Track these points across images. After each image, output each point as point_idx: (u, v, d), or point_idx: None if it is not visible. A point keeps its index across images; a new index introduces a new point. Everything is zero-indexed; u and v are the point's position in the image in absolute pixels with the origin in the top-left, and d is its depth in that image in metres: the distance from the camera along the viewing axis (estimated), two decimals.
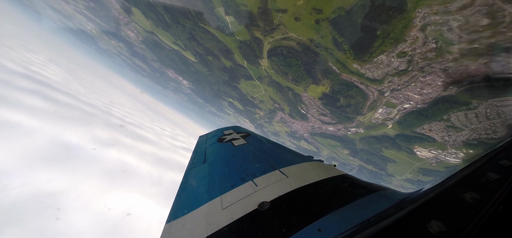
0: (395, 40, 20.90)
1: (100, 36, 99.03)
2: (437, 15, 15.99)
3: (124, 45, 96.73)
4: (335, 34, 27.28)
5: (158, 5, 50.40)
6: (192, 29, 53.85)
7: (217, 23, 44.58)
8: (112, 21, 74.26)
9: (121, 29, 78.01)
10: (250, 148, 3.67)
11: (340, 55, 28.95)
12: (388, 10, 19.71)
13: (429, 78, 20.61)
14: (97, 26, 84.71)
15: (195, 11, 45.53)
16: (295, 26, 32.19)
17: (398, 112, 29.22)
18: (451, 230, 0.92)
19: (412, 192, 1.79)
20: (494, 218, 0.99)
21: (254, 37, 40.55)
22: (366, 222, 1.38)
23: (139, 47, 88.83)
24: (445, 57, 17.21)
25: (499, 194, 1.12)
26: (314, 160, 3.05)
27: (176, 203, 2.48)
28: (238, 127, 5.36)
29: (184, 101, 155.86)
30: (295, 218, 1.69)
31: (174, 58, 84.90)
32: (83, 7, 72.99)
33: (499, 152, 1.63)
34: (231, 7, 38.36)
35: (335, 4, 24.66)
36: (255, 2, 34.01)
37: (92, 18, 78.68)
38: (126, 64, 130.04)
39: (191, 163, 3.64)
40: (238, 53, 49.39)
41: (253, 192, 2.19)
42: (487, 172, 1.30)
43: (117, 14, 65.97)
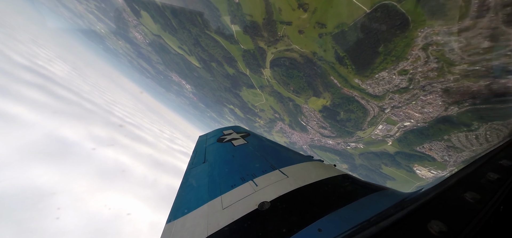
0: (397, 57, 21.06)
1: (108, 36, 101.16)
2: (439, 36, 16.17)
3: (131, 46, 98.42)
4: (338, 49, 27.59)
5: (166, 10, 51.63)
6: (198, 35, 54.88)
7: (223, 31, 45.48)
8: (121, 22, 76.00)
9: (129, 31, 79.72)
10: (250, 147, 3.65)
11: (341, 69, 29.15)
12: (391, 28, 20.00)
13: (430, 97, 20.55)
14: (106, 26, 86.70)
15: (201, 18, 46.54)
16: (299, 38, 32.68)
17: (398, 130, 28.99)
18: (451, 230, 0.92)
19: (412, 192, 1.79)
20: (495, 218, 0.98)
21: (258, 47, 41.11)
22: (367, 222, 1.37)
23: (145, 49, 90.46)
24: (447, 77, 17.25)
25: (499, 194, 1.11)
26: (314, 160, 3.02)
27: (176, 203, 2.47)
28: (238, 126, 5.35)
29: (186, 105, 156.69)
30: (295, 218, 1.68)
31: (178, 62, 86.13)
32: (94, 7, 75.06)
33: (499, 152, 1.63)
34: (237, 17, 39.20)
35: (338, 20, 25.11)
36: (261, 13, 34.77)
37: (102, 18, 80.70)
38: (132, 65, 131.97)
39: (191, 163, 3.61)
40: (242, 62, 49.97)
41: (253, 192, 2.17)
42: (487, 172, 1.29)
43: (126, 16, 67.62)
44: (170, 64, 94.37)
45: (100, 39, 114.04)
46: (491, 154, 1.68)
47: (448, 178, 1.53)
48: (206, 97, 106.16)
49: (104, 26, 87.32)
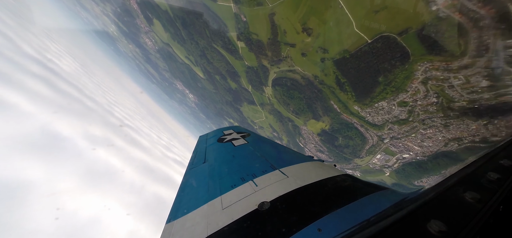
0: (397, 89, 21.13)
1: (120, 39, 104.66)
2: (438, 71, 16.32)
3: (140, 51, 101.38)
4: (339, 75, 27.91)
5: (177, 21, 53.69)
6: (205, 48, 56.52)
7: (229, 46, 46.81)
8: (133, 27, 78.96)
9: (140, 36, 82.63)
10: (250, 147, 3.63)
11: (341, 95, 29.24)
12: (391, 59, 20.30)
13: (430, 131, 20.27)
14: (119, 29, 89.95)
15: (209, 31, 48.17)
16: (301, 61, 33.34)
17: (396, 161, 28.30)
18: (451, 230, 0.92)
19: (412, 192, 1.77)
20: (494, 218, 0.99)
21: (261, 65, 41.95)
22: (366, 222, 1.37)
23: (154, 55, 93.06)
24: (446, 113, 17.09)
25: (499, 194, 1.12)
26: (314, 160, 3.01)
27: (176, 203, 2.45)
28: (238, 126, 5.28)
29: (187, 114, 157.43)
30: (295, 218, 1.67)
31: (184, 71, 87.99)
32: (110, 10, 78.58)
33: (499, 152, 1.63)
34: (243, 34, 40.54)
35: (340, 47, 25.69)
36: (266, 33, 35.97)
37: (116, 21, 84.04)
38: (139, 69, 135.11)
39: (191, 163, 3.58)
40: (245, 77, 50.76)
41: (253, 192, 2.16)
42: (487, 171, 1.30)
43: (139, 22, 70.41)
44: (175, 72, 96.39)
45: (112, 41, 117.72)
46: (491, 153, 1.68)
47: (448, 178, 1.54)
48: (207, 108, 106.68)
49: (117, 29, 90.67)
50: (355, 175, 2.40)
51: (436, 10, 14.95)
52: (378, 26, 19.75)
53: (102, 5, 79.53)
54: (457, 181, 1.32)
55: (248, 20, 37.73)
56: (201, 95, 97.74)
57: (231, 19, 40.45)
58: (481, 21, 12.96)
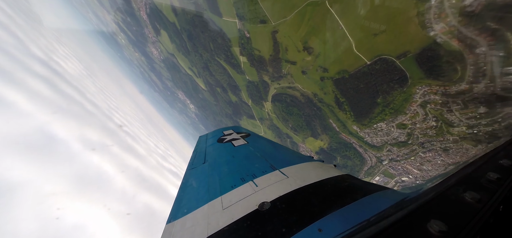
0: (395, 111, 21.05)
1: (127, 47, 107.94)
2: (436, 95, 16.32)
3: (146, 60, 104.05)
4: (338, 94, 28.04)
5: (183, 33, 55.45)
6: (208, 60, 57.90)
7: (231, 60, 47.91)
8: (141, 36, 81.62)
9: (147, 45, 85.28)
10: (250, 148, 3.63)
11: (340, 114, 29.15)
12: (390, 81, 20.44)
13: (429, 155, 19.87)
14: (127, 37, 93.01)
15: (214, 44, 49.51)
16: (302, 78, 33.75)
17: (396, 184, 27.49)
18: (451, 230, 0.93)
19: (412, 192, 1.76)
20: (494, 218, 1.00)
21: (262, 80, 42.54)
22: (366, 222, 1.37)
23: (158, 64, 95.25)
24: (446, 137, 16.86)
25: (499, 194, 1.13)
26: (314, 160, 2.99)
27: (177, 203, 2.46)
28: (238, 127, 5.28)
29: (186, 124, 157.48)
30: (295, 218, 1.66)
31: (186, 82, 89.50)
32: (120, 19, 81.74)
33: (499, 152, 1.65)
34: (246, 49, 41.63)
35: (340, 67, 26.08)
36: (268, 50, 36.92)
37: (124, 29, 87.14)
38: (143, 76, 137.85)
39: (191, 163, 3.58)
40: (245, 91, 51.27)
41: (254, 192, 2.16)
42: (487, 171, 1.32)
43: (147, 31, 72.85)
44: (178, 82, 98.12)
45: (119, 48, 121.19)
46: (491, 153, 1.71)
47: (448, 178, 1.55)
48: (206, 119, 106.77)
49: (125, 37, 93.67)
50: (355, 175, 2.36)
51: (433, 35, 15.32)
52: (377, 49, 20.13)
53: (113, 14, 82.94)
54: (457, 181, 1.31)
55: (251, 36, 38.92)
56: (202, 106, 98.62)
57: (235, 35, 41.77)
58: (478, 48, 13.20)
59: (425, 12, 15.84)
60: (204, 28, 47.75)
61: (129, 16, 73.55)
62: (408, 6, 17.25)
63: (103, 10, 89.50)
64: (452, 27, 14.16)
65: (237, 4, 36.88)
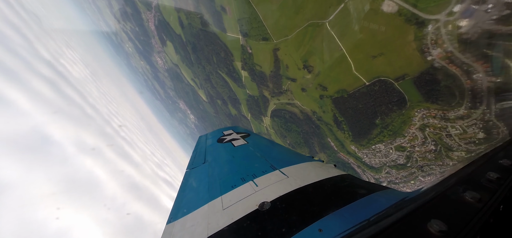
0: (394, 132, 20.74)
1: (133, 55, 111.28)
2: (435, 119, 16.13)
3: (150, 69, 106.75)
4: (336, 113, 27.95)
5: (188, 45, 57.00)
6: (210, 73, 59.02)
7: (233, 74, 48.73)
8: (147, 46, 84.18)
9: (153, 55, 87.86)
10: (250, 148, 3.63)
11: (339, 133, 28.81)
12: (388, 103, 20.36)
13: (429, 179, 19.22)
14: (135, 46, 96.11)
15: (217, 58, 50.65)
16: (301, 95, 33.93)
17: None
18: (451, 229, 0.93)
19: (412, 192, 1.77)
20: (494, 217, 1.01)
21: (262, 95, 42.88)
22: (367, 222, 1.36)
23: (162, 73, 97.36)
24: (445, 161, 16.40)
25: (499, 193, 1.13)
26: (314, 160, 2.97)
27: (177, 203, 2.45)
28: (238, 127, 5.37)
29: (185, 134, 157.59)
30: (295, 218, 1.66)
31: (188, 93, 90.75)
32: (129, 29, 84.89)
33: (499, 151, 1.65)
34: (247, 64, 42.50)
35: (339, 86, 26.25)
36: (269, 66, 37.65)
37: (132, 38, 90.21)
38: (146, 84, 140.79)
39: (191, 164, 3.56)
40: (245, 105, 51.52)
41: (254, 192, 2.16)
42: (487, 171, 1.32)
43: (154, 42, 75.23)
44: (180, 92, 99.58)
45: (126, 55, 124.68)
46: (491, 153, 1.70)
47: (448, 178, 1.56)
48: (206, 130, 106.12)
49: (132, 45, 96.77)
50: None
51: (431, 60, 15.50)
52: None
53: (123, 23, 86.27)
54: (457, 180, 1.32)
55: (253, 52, 39.92)
56: (202, 117, 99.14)
57: (237, 50, 42.88)
58: (475, 74, 13.26)
59: (423, 37, 16.16)
60: (208, 41, 49.18)
61: (138, 26, 76.39)
62: (406, 31, 17.67)
63: (114, 19, 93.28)
64: (449, 52, 14.36)
65: (241, 21, 38.24)
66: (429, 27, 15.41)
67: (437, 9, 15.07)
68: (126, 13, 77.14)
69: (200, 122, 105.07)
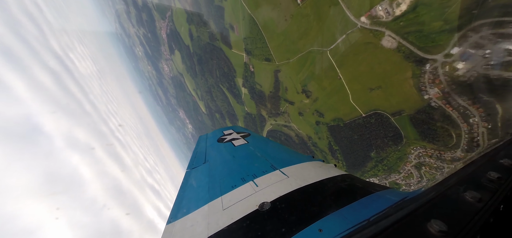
0: (389, 168, 19.82)
1: (142, 59, 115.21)
2: (431, 159, 15.40)
3: (156, 74, 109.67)
4: (332, 141, 27.26)
5: (195, 56, 58.54)
6: (212, 86, 59.88)
7: (233, 89, 49.29)
8: (156, 52, 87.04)
9: (160, 61, 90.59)
10: (250, 148, 3.62)
11: (333, 162, 27.80)
12: (384, 137, 19.77)
13: None
14: (145, 51, 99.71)
15: (219, 72, 51.59)
16: (298, 119, 33.56)
17: None
18: (451, 229, 0.94)
19: (412, 192, 1.78)
20: (495, 217, 1.00)
21: (260, 114, 42.70)
22: (367, 222, 1.37)
23: (167, 80, 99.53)
24: None
25: (500, 193, 1.13)
26: (314, 160, 2.97)
27: (177, 203, 2.45)
28: (238, 126, 5.47)
29: (182, 143, 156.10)
30: (296, 218, 1.67)
31: (189, 102, 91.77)
32: (142, 34, 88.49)
33: (499, 151, 1.65)
34: (248, 82, 43.13)
35: (336, 114, 25.92)
36: (269, 86, 38.07)
37: (144, 43, 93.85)
38: (150, 89, 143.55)
39: (192, 164, 3.56)
40: (242, 122, 51.16)
41: (254, 192, 2.16)
42: (487, 171, 1.32)
43: (163, 49, 77.76)
44: (181, 101, 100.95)
45: (135, 58, 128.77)
46: (492, 153, 1.71)
47: (448, 178, 1.57)
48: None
49: (142, 49, 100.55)
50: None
51: (428, 99, 15.28)
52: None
53: (137, 27, 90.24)
54: (457, 180, 1.33)
55: (255, 71, 40.66)
56: (199, 128, 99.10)
57: (240, 67, 43.77)
58: (471, 118, 12.87)
59: (420, 75, 16.15)
60: (214, 55, 50.49)
61: (150, 33, 79.67)
62: (404, 68, 17.75)
63: (129, 23, 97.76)
64: (446, 93, 14.18)
65: (246, 40, 39.49)
66: (427, 66, 15.46)
67: (436, 50, 15.23)
68: (141, 19, 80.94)
69: (197, 132, 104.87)
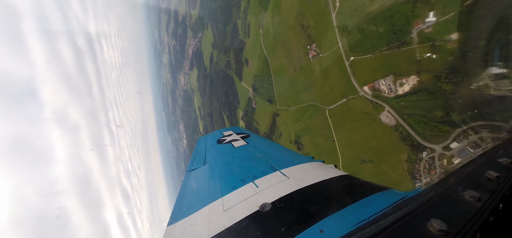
0: None
1: (165, 66, 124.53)
2: None
3: (172, 83, 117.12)
4: None
5: (208, 77, 61.09)
6: (215, 110, 60.59)
7: (232, 119, 49.01)
8: (179, 64, 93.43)
9: (179, 73, 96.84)
10: (250, 149, 3.57)
11: None
12: None
13: None
14: (169, 59, 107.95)
15: (225, 99, 52.55)
16: None
17: None
18: (451, 228, 0.94)
19: (412, 192, 1.76)
20: (494, 216, 1.01)
21: None
22: (367, 222, 1.41)
23: (179, 91, 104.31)
24: None
25: (498, 192, 1.15)
26: (314, 161, 2.92)
27: (177, 205, 2.47)
28: (238, 127, 5.23)
29: (172, 155, 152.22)
30: (296, 219, 1.67)
31: (191, 118, 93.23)
32: (173, 45, 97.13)
33: (498, 150, 1.66)
34: (248, 116, 43.03)
35: None
36: (265, 127, 37.25)
37: (171, 53, 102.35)
38: (162, 94, 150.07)
39: (191, 165, 3.54)
40: None
41: (254, 193, 2.16)
42: (486, 170, 1.33)
43: (185, 63, 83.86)
44: (185, 114, 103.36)
45: (159, 63, 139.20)
46: (490, 152, 1.73)
47: (447, 177, 1.59)
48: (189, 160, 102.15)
49: (168, 58, 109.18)
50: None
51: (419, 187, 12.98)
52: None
53: (170, 38, 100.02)
54: (457, 180, 1.34)
55: (256, 108, 40.62)
56: (192, 146, 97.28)
57: (244, 100, 44.18)
58: None
59: (416, 161, 14.25)
60: (225, 82, 52.40)
61: (179, 46, 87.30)
62: (400, 149, 15.97)
63: (165, 32, 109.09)
64: None
65: (256, 77, 40.60)
66: (424, 154, 13.77)
67: (435, 139, 13.71)
68: (176, 33, 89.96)
69: (189, 150, 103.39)
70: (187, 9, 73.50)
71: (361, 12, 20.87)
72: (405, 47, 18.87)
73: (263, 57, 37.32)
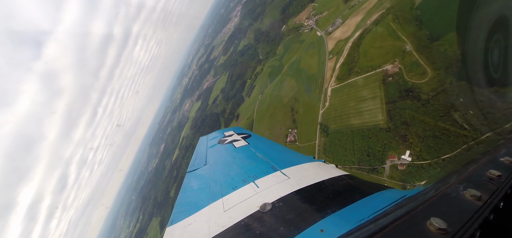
0: None
1: (181, 87, 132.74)
2: None
3: (179, 103, 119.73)
4: None
5: (204, 116, 61.41)
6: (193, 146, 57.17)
7: None
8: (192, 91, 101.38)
9: (188, 98, 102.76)
10: (251, 149, 3.62)
11: None
12: None
13: None
14: (187, 84, 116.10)
15: None
16: None
17: None
18: (451, 227, 0.95)
19: (412, 191, 1.82)
20: (495, 215, 1.01)
21: None
22: (367, 222, 1.42)
23: (180, 113, 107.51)
24: None
25: (500, 191, 1.15)
26: (315, 161, 2.97)
27: (178, 205, 2.47)
28: (239, 128, 5.48)
29: (139, 171, 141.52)
30: (297, 219, 1.71)
31: (173, 142, 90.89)
32: (195, 74, 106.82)
33: (500, 149, 1.66)
34: None
35: None
36: None
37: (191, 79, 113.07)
38: (165, 107, 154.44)
39: (192, 165, 3.54)
40: None
41: (255, 193, 2.19)
42: (487, 169, 1.33)
43: (197, 92, 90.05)
44: (169, 137, 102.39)
45: (178, 82, 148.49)
46: (492, 151, 1.73)
47: (448, 176, 1.59)
48: (149, 184, 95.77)
49: (187, 81, 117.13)
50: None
51: None
52: None
53: (196, 67, 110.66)
54: (458, 178, 1.34)
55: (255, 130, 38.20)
56: (158, 169, 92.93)
57: None
58: None
59: None
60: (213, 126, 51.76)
61: (200, 77, 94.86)
62: None
63: (195, 61, 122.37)
64: None
65: None
66: None
67: None
68: (202, 66, 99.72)
69: (155, 173, 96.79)
70: (220, 52, 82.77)
71: (344, 120, 19.77)
72: (375, 175, 16.33)
73: (251, 120, 36.94)
